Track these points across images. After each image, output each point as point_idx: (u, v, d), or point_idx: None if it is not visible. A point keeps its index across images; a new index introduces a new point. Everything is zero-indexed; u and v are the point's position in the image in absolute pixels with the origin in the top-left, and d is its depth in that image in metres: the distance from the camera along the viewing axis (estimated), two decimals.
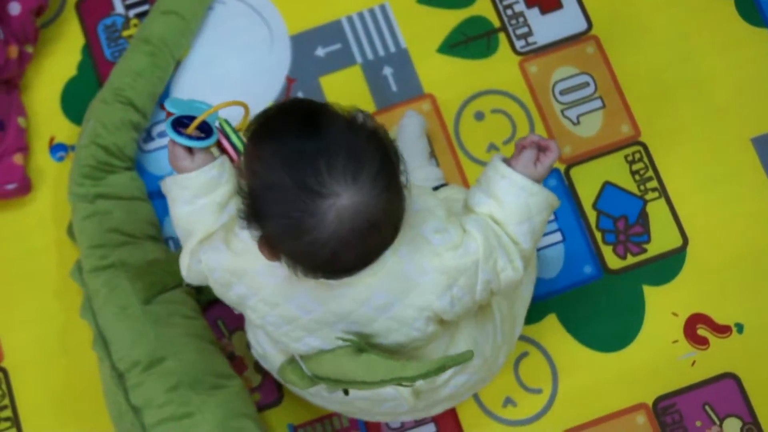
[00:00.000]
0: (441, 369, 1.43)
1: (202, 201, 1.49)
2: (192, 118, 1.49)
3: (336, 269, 1.29)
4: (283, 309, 1.43)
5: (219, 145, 1.52)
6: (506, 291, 1.48)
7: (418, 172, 1.90)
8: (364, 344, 1.42)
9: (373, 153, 1.23)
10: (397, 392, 1.57)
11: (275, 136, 1.24)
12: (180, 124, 1.49)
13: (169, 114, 1.53)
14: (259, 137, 1.27)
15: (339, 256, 1.25)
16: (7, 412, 1.93)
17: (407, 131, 1.98)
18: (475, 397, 1.88)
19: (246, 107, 1.49)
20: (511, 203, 1.45)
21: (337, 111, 1.27)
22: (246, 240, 1.34)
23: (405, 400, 1.60)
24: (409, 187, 1.29)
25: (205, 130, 1.50)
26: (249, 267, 1.41)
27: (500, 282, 1.45)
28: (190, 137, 1.48)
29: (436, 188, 1.85)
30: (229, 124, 1.51)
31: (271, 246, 1.28)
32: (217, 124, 1.51)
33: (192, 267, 1.50)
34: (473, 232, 1.41)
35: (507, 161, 1.48)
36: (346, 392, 1.53)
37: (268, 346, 1.59)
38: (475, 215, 1.46)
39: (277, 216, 1.23)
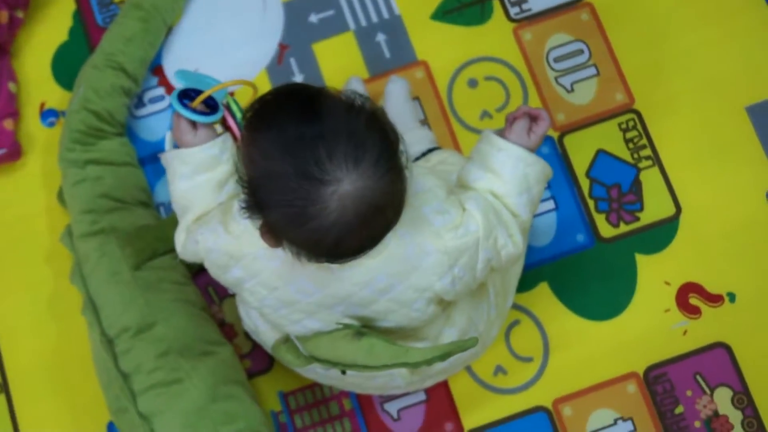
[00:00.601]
0: (446, 355, 1.42)
1: (201, 177, 1.47)
2: (199, 92, 1.47)
3: (340, 253, 1.27)
4: (282, 292, 1.42)
5: (223, 122, 1.50)
6: (506, 267, 1.48)
7: (410, 134, 1.89)
8: (363, 328, 1.42)
9: (373, 136, 1.21)
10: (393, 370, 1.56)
11: (273, 122, 1.22)
12: (186, 96, 1.47)
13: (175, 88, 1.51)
14: (257, 124, 1.24)
15: (343, 241, 1.23)
16: None
17: (393, 96, 1.97)
18: (467, 366, 1.88)
19: (255, 88, 1.46)
20: (510, 175, 1.44)
21: (335, 95, 1.24)
22: (244, 223, 1.33)
23: (401, 377, 1.59)
24: (409, 167, 1.27)
25: (212, 105, 1.48)
26: (248, 250, 1.40)
27: (501, 258, 1.44)
28: (194, 111, 1.46)
29: (429, 151, 1.85)
30: (236, 102, 1.49)
31: (274, 234, 1.27)
32: (224, 101, 1.50)
33: (188, 246, 1.49)
34: (472, 211, 1.40)
35: (500, 134, 1.47)
36: (343, 372, 1.52)
37: (260, 321, 1.58)
38: (474, 192, 1.44)
39: (280, 205, 1.21)
